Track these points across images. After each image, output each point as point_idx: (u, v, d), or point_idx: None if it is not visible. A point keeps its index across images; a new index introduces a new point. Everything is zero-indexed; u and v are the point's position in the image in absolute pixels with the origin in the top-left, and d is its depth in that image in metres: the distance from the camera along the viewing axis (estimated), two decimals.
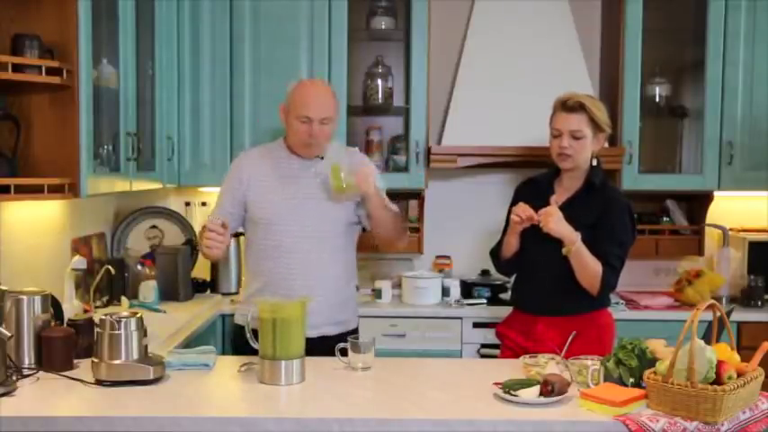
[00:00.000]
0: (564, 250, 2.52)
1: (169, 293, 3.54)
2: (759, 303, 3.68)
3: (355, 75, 3.88)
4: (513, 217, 2.62)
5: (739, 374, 1.94)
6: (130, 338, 2.16)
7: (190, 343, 2.86)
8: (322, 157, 2.63)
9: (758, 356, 2.04)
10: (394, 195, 3.90)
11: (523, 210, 2.59)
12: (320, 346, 2.47)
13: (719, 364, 1.92)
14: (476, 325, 3.57)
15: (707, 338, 2.06)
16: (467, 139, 3.69)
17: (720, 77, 3.70)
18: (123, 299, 3.33)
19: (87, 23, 2.64)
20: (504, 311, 2.89)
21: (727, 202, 3.90)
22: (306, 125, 2.59)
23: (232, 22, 3.69)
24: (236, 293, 3.80)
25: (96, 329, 2.19)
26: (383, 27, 3.89)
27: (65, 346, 2.27)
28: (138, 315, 2.23)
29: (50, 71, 2.51)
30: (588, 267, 2.55)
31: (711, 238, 3.92)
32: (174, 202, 4.03)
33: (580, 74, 3.72)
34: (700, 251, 3.91)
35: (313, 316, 2.49)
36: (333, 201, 2.63)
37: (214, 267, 3.83)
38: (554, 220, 2.50)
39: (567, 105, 2.64)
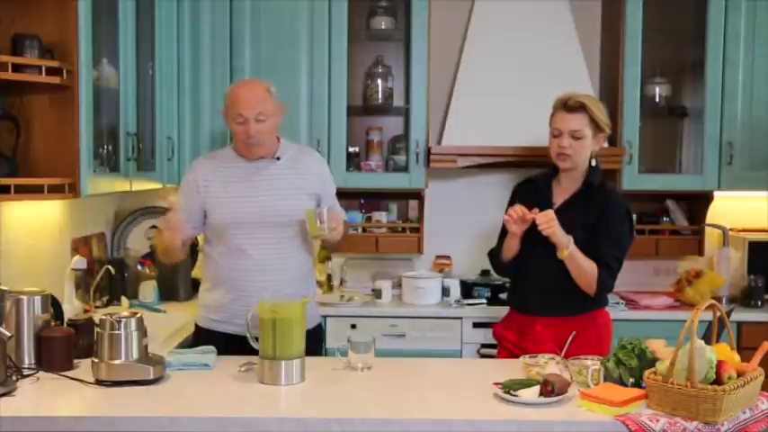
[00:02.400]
0: (558, 254, 2.52)
1: (169, 293, 3.54)
2: (759, 303, 3.68)
3: (355, 75, 3.88)
4: (505, 218, 2.62)
5: (739, 374, 1.94)
6: (130, 338, 2.16)
7: (190, 343, 2.86)
8: (279, 158, 2.67)
9: (758, 356, 2.04)
10: (394, 195, 3.92)
11: (515, 210, 2.59)
12: None
13: (719, 364, 1.92)
14: (476, 325, 3.57)
15: (707, 338, 2.06)
16: (467, 139, 3.68)
17: (720, 77, 3.70)
18: (123, 299, 3.33)
19: (87, 23, 2.64)
20: (504, 311, 2.89)
21: (727, 202, 3.89)
22: (242, 125, 2.58)
23: (232, 22, 3.68)
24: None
25: (96, 329, 2.19)
26: (383, 27, 3.89)
27: (65, 346, 2.28)
28: (138, 315, 2.23)
29: (50, 71, 2.51)
30: (583, 269, 2.55)
31: (711, 238, 3.92)
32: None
33: (580, 74, 3.72)
34: (700, 251, 3.91)
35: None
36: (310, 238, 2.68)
37: None
38: (552, 224, 2.50)
39: (568, 105, 2.64)
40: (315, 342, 2.70)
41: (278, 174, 2.68)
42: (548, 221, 2.50)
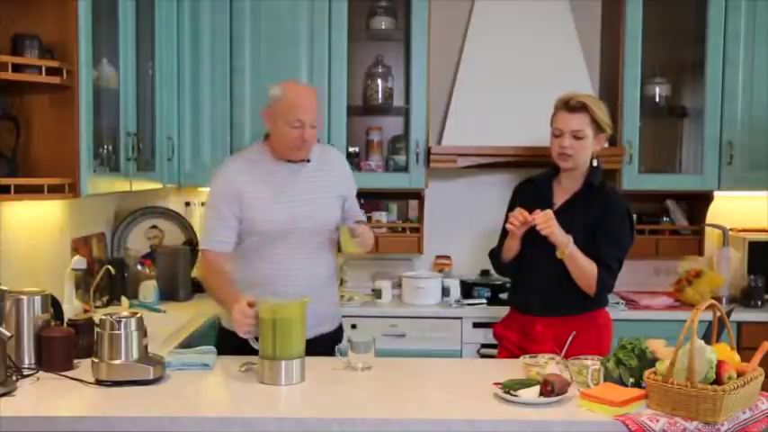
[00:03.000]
0: (558, 254, 2.52)
1: (169, 293, 3.54)
2: (759, 303, 3.68)
3: (355, 75, 3.88)
4: (508, 225, 2.62)
5: (739, 374, 1.94)
6: (130, 338, 2.16)
7: (190, 343, 2.86)
8: (309, 160, 2.61)
9: (758, 356, 2.04)
10: (394, 195, 3.92)
11: (516, 217, 2.59)
12: (319, 345, 2.49)
13: (719, 364, 1.92)
14: (476, 325, 3.57)
15: (707, 338, 2.06)
16: (467, 139, 3.69)
17: (720, 77, 3.70)
18: (123, 299, 3.33)
19: (87, 23, 2.64)
20: (504, 311, 2.89)
21: (727, 202, 3.89)
22: (298, 130, 2.50)
23: (232, 22, 3.69)
24: None
25: (96, 329, 2.19)
26: (383, 27, 3.89)
27: (65, 346, 2.27)
28: (138, 315, 2.23)
29: (50, 71, 2.51)
30: (583, 269, 2.55)
31: (711, 238, 3.92)
32: (174, 202, 4.03)
33: (580, 74, 3.72)
34: (700, 251, 3.91)
35: (311, 318, 2.51)
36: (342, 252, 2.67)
37: None
38: (550, 223, 2.50)
39: (570, 105, 2.64)
40: (335, 343, 2.61)
41: (310, 177, 2.62)
42: (546, 221, 2.50)
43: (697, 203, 3.94)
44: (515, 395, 2.02)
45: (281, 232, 2.57)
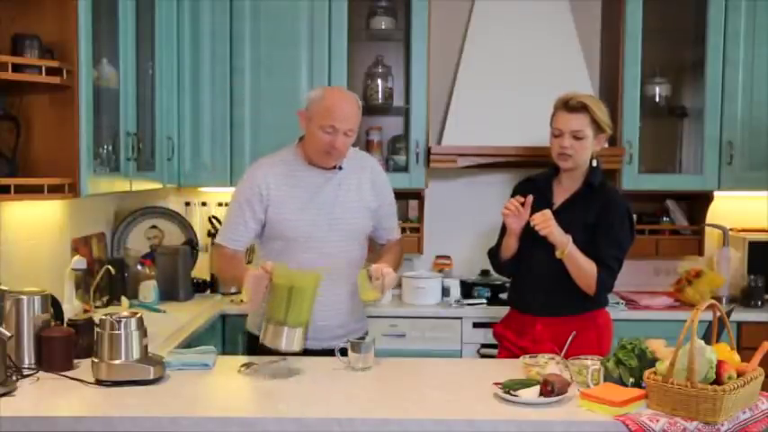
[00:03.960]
0: (557, 253, 2.52)
1: (169, 293, 3.54)
2: (759, 303, 3.68)
3: (355, 75, 3.88)
4: (503, 210, 2.62)
5: (739, 374, 1.94)
6: (130, 338, 2.16)
7: (190, 343, 2.86)
8: (341, 167, 2.58)
9: (758, 356, 2.04)
10: (394, 195, 3.92)
11: (512, 202, 2.59)
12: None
13: (719, 364, 1.92)
14: (476, 325, 3.57)
15: (707, 338, 2.06)
16: (467, 139, 3.68)
17: (720, 77, 3.70)
18: (123, 299, 3.33)
19: (87, 23, 2.64)
20: (504, 311, 2.88)
21: (727, 202, 3.89)
22: (330, 135, 2.46)
23: (232, 22, 3.69)
24: (237, 293, 3.79)
25: (96, 329, 2.19)
26: (383, 27, 3.89)
27: (65, 346, 2.27)
28: (138, 315, 2.23)
29: (50, 71, 2.51)
30: (582, 269, 2.55)
31: (711, 238, 3.92)
32: (174, 202, 4.03)
33: (580, 74, 3.72)
34: (700, 251, 3.91)
35: (337, 328, 2.55)
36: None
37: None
38: (549, 223, 2.50)
39: (570, 105, 2.64)
40: None
41: (340, 185, 2.58)
42: (544, 221, 2.50)
43: (697, 203, 3.94)
44: (515, 395, 2.02)
45: (305, 239, 2.53)
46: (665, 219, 3.97)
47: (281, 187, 2.55)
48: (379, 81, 3.90)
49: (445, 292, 3.74)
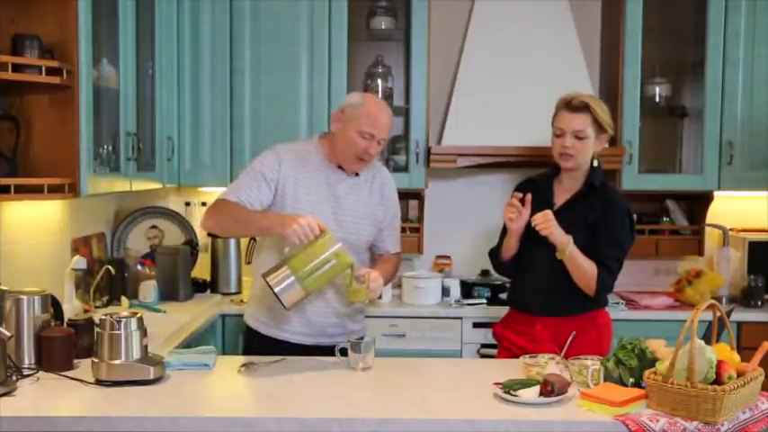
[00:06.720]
0: (557, 254, 2.52)
1: (169, 293, 3.54)
2: (759, 303, 3.68)
3: (355, 75, 3.88)
4: (507, 214, 2.62)
5: (739, 374, 1.94)
6: (130, 338, 2.16)
7: (190, 343, 2.87)
8: (357, 173, 2.61)
9: (758, 356, 2.04)
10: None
11: (509, 210, 2.59)
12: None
13: (719, 364, 1.92)
14: (476, 325, 3.57)
15: (707, 338, 2.06)
16: (467, 139, 3.68)
17: (720, 77, 3.70)
18: (123, 299, 3.33)
19: (87, 23, 2.64)
20: (504, 311, 2.88)
21: (727, 202, 3.90)
22: (366, 141, 2.49)
23: (232, 22, 3.69)
24: (237, 293, 3.80)
25: (96, 329, 2.19)
26: (383, 27, 3.89)
27: (65, 346, 2.27)
28: (138, 315, 2.23)
29: (50, 71, 2.51)
30: (583, 269, 2.55)
31: (711, 238, 3.92)
32: (174, 202, 4.03)
33: (580, 74, 3.72)
34: (700, 251, 3.91)
35: (332, 327, 2.56)
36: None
37: (214, 267, 3.84)
38: (549, 224, 2.50)
39: (572, 105, 2.63)
40: None
41: (352, 190, 2.60)
42: (545, 221, 2.50)
43: (697, 203, 3.95)
44: (515, 395, 2.02)
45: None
46: (665, 219, 3.97)
47: (299, 170, 2.55)
48: (379, 81, 3.90)
49: (445, 292, 3.75)
